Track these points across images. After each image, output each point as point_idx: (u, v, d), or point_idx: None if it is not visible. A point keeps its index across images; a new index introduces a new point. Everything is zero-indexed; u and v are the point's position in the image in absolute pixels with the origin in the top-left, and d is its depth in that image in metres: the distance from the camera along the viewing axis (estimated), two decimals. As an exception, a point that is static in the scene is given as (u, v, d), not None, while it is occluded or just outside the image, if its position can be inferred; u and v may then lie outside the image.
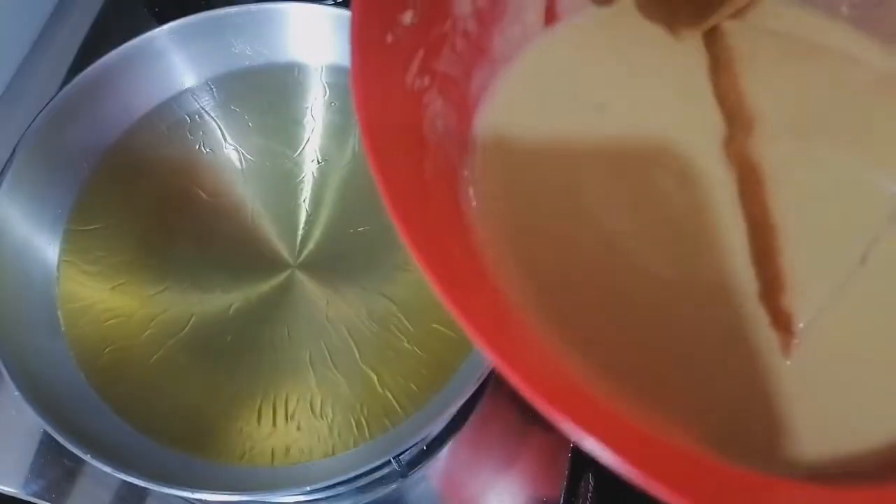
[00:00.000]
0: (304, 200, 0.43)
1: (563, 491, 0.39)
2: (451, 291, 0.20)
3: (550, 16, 0.32)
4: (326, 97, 0.45)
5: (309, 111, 0.45)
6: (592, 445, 0.18)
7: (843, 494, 0.21)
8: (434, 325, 0.39)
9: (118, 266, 0.41)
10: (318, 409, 0.38)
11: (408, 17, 0.24)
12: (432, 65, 0.26)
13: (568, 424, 0.18)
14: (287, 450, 0.36)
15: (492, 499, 0.40)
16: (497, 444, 0.41)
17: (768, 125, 0.28)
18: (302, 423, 0.37)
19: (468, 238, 0.25)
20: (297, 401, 0.38)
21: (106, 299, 0.40)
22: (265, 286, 0.41)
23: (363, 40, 0.21)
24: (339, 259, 0.41)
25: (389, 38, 0.23)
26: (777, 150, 0.28)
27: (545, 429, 0.41)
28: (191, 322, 0.40)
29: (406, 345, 0.38)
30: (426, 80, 0.26)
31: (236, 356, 0.39)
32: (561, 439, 0.40)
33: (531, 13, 0.32)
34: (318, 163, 0.44)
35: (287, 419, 0.37)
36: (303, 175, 0.43)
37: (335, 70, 0.45)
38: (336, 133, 0.44)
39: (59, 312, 0.40)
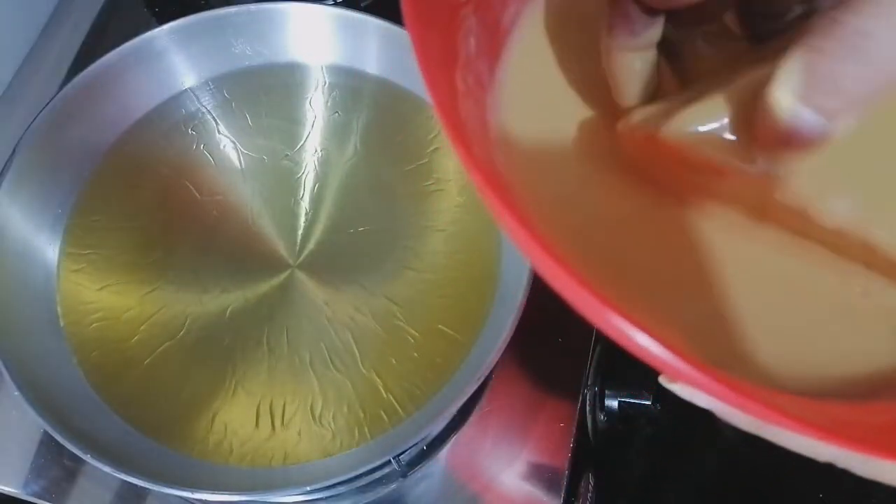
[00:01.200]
0: (304, 200, 0.43)
1: (563, 491, 0.39)
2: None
3: None
4: (326, 97, 0.45)
5: (309, 111, 0.45)
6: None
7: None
8: (434, 326, 0.39)
9: (118, 265, 0.41)
10: (317, 410, 0.38)
11: None
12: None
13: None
14: (287, 450, 0.36)
15: (492, 499, 0.40)
16: (497, 444, 0.41)
17: None
18: (301, 424, 0.37)
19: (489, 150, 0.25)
20: (297, 401, 0.38)
21: (105, 299, 0.40)
22: (265, 286, 0.41)
23: None
24: (339, 259, 0.41)
25: None
26: None
27: (545, 429, 0.41)
28: (190, 322, 0.40)
29: (406, 345, 0.38)
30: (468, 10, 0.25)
31: (235, 356, 0.39)
32: (561, 439, 0.40)
33: None
34: (318, 162, 0.44)
35: (287, 419, 0.37)
36: (303, 175, 0.43)
37: (335, 70, 0.45)
38: (336, 132, 0.44)
39: (59, 312, 0.40)
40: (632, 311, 0.17)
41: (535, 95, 0.28)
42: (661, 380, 0.24)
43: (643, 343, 0.16)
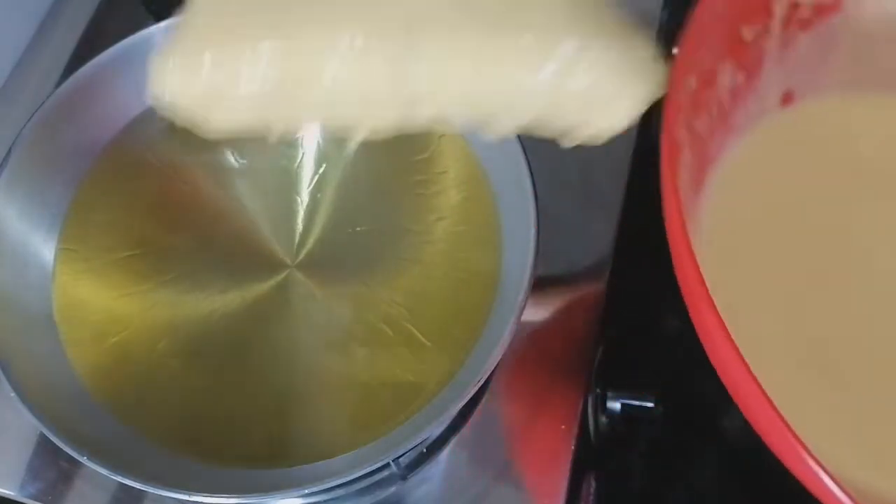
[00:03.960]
0: (302, 199, 0.42)
1: (565, 493, 0.39)
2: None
3: (787, 99, 0.41)
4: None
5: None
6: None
7: None
8: (434, 326, 0.38)
9: (115, 265, 0.40)
10: (316, 410, 0.37)
11: (692, 82, 0.34)
12: (694, 123, 0.36)
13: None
14: (285, 452, 0.36)
15: (492, 501, 0.40)
16: (497, 446, 0.41)
17: None
18: (300, 424, 0.37)
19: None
20: (295, 401, 0.37)
21: (102, 298, 0.40)
22: (263, 286, 0.40)
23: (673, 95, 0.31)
24: (337, 259, 0.41)
25: (682, 97, 0.33)
26: None
27: (546, 431, 0.41)
28: (187, 321, 0.39)
29: (406, 346, 0.38)
30: (684, 133, 0.35)
31: (233, 356, 0.39)
32: (563, 442, 0.40)
33: (772, 95, 0.41)
34: (316, 160, 0.43)
35: (285, 420, 0.37)
36: (301, 173, 0.43)
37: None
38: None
39: (55, 312, 0.39)
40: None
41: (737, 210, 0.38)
42: None
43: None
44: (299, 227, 0.42)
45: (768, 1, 0.37)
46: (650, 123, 0.34)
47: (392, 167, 0.43)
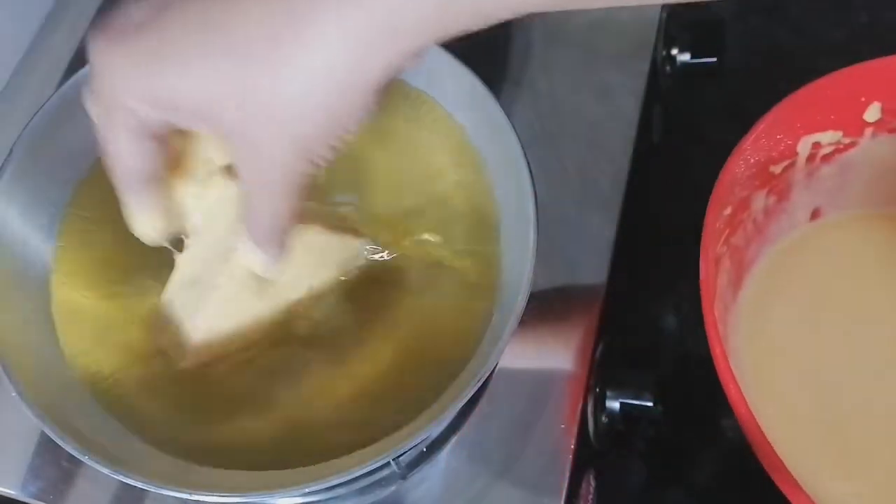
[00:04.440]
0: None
1: (564, 492, 0.39)
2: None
3: (815, 215, 0.49)
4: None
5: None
6: None
7: None
8: (436, 326, 0.38)
9: (114, 265, 0.40)
10: (316, 410, 0.37)
11: (728, 210, 0.42)
12: (731, 238, 0.44)
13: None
14: (286, 451, 0.36)
15: (492, 501, 0.40)
16: (497, 446, 0.41)
17: None
18: (300, 424, 0.37)
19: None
20: (296, 401, 0.37)
21: (102, 298, 0.40)
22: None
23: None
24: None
25: (719, 223, 0.42)
26: None
27: (546, 431, 0.41)
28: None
29: (406, 346, 0.38)
30: (724, 248, 0.43)
31: (233, 356, 0.38)
32: (562, 441, 0.40)
33: (801, 213, 0.48)
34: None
35: (285, 420, 0.37)
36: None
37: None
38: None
39: (55, 311, 0.39)
40: None
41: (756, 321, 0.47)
42: None
43: None
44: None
45: (794, 146, 0.44)
46: (650, 124, 0.34)
47: (392, 166, 0.43)
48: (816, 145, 0.44)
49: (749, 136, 0.41)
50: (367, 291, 0.39)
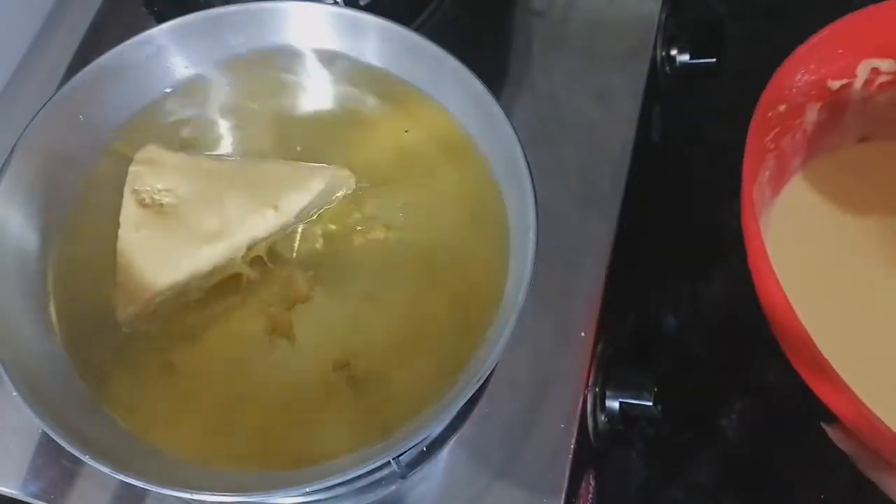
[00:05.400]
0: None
1: (564, 492, 0.39)
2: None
3: (864, 139, 0.49)
4: (325, 92, 0.45)
5: (308, 106, 0.45)
6: None
7: None
8: (434, 326, 0.39)
9: (113, 266, 0.40)
10: (316, 410, 0.37)
11: (782, 108, 0.43)
12: (780, 139, 0.45)
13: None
14: (285, 451, 0.36)
15: (492, 500, 0.40)
16: (497, 445, 0.41)
17: None
18: (300, 425, 0.37)
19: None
20: (295, 401, 0.37)
21: (102, 299, 0.40)
22: (263, 285, 0.40)
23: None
24: (338, 258, 0.41)
25: (771, 114, 0.42)
26: None
27: (546, 430, 0.41)
28: (185, 321, 0.39)
29: (406, 346, 0.38)
30: (772, 145, 0.44)
31: (233, 356, 0.39)
32: (562, 440, 0.40)
33: (851, 133, 0.48)
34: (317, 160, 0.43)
35: (285, 420, 0.37)
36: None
37: (335, 65, 0.45)
38: (336, 127, 0.44)
39: (55, 312, 0.39)
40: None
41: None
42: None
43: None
44: (301, 226, 0.42)
45: (853, 65, 0.44)
46: (649, 125, 0.34)
47: (392, 165, 0.43)
48: (875, 71, 0.44)
49: (807, 44, 0.41)
50: (367, 285, 0.40)
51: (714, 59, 0.52)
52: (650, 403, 0.41)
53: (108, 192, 0.42)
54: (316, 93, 0.45)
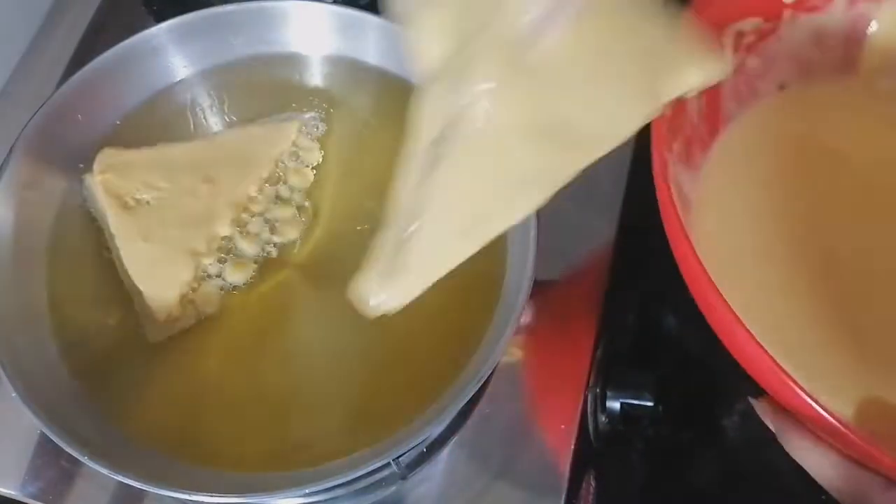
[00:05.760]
0: (304, 198, 0.42)
1: (564, 492, 0.39)
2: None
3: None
4: (326, 92, 0.45)
5: (308, 105, 0.45)
6: None
7: None
8: (435, 326, 0.38)
9: (113, 265, 0.40)
10: (316, 411, 0.37)
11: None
12: (673, 144, 0.39)
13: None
14: (285, 451, 0.36)
15: (492, 501, 0.40)
16: (497, 446, 0.41)
17: None
18: (300, 425, 0.37)
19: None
20: (295, 402, 0.37)
21: (100, 299, 0.40)
22: (263, 286, 0.40)
23: None
24: (339, 258, 0.41)
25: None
26: None
27: (546, 431, 0.41)
28: (185, 322, 0.39)
29: (407, 346, 0.38)
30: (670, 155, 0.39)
31: (232, 357, 0.39)
32: (563, 441, 0.40)
33: (732, 108, 0.44)
34: (318, 159, 0.43)
35: (285, 421, 0.37)
36: (302, 170, 0.43)
37: (335, 65, 0.45)
38: (336, 126, 0.44)
39: (55, 312, 0.39)
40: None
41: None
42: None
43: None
44: (300, 226, 0.42)
45: (720, 34, 0.41)
46: (648, 125, 0.34)
47: (393, 164, 0.43)
48: (738, 34, 0.41)
49: None
50: None
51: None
52: (651, 403, 0.41)
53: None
54: (315, 92, 0.45)
